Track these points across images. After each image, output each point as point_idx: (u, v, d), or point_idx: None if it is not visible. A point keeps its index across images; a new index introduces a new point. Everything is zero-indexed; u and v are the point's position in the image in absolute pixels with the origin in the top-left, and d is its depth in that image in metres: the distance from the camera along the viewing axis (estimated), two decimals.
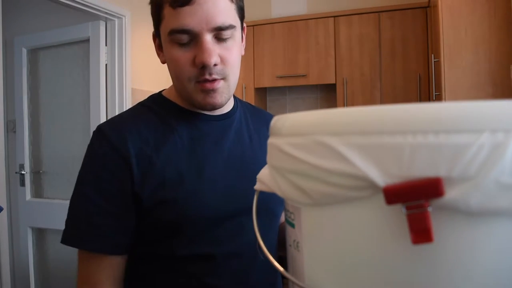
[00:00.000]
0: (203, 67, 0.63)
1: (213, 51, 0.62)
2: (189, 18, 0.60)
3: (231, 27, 0.63)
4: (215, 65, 0.63)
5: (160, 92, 0.77)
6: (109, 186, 0.64)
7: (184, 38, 0.62)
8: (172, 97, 0.74)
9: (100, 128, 0.69)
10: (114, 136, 0.66)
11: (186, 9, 0.60)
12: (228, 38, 0.64)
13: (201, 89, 0.65)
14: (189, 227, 0.66)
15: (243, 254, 0.69)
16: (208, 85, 0.64)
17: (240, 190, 0.69)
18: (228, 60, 0.65)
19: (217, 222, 0.67)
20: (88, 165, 0.68)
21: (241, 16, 0.69)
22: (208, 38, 0.62)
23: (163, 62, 0.71)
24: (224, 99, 0.67)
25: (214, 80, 0.64)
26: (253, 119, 0.83)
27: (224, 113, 0.75)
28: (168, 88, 0.76)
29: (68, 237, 0.66)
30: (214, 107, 0.68)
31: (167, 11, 0.62)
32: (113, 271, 0.66)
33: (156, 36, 0.70)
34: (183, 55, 0.63)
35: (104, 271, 0.65)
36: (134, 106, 0.75)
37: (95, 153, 0.67)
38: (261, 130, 0.81)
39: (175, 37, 0.62)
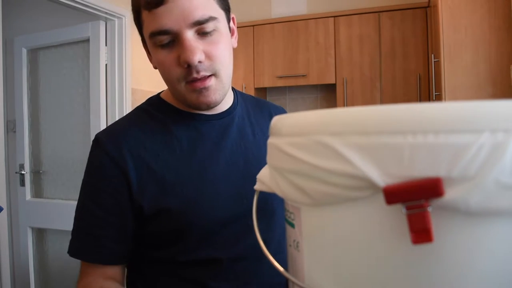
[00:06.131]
0: (188, 66, 0.60)
1: (196, 48, 0.60)
2: (165, 18, 0.59)
3: (211, 19, 0.61)
4: (200, 62, 0.60)
5: (159, 94, 0.76)
6: (107, 197, 0.64)
7: (165, 39, 0.60)
8: (170, 99, 0.72)
9: (98, 137, 0.68)
10: (111, 145, 0.65)
11: (161, 9, 0.58)
12: (211, 31, 0.61)
13: (192, 89, 0.63)
14: (193, 232, 0.65)
15: (249, 256, 0.68)
16: (199, 84, 0.62)
17: (244, 191, 0.67)
18: (215, 54, 0.62)
19: (222, 225, 0.66)
20: (88, 175, 0.68)
21: (225, 7, 0.66)
22: (189, 35, 0.60)
23: (155, 67, 0.69)
24: (219, 96, 0.65)
25: (204, 78, 0.62)
26: (256, 112, 0.80)
27: (224, 111, 0.73)
28: (166, 90, 0.75)
29: (71, 248, 0.67)
30: (209, 106, 0.65)
31: (144, 15, 0.61)
32: (113, 280, 0.66)
33: (143, 42, 0.69)
34: (168, 57, 0.62)
35: (103, 280, 0.65)
36: (131, 111, 0.74)
37: (93, 164, 0.67)
38: (265, 124, 0.78)
39: (156, 39, 0.61)
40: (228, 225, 0.66)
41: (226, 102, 0.74)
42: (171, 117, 0.70)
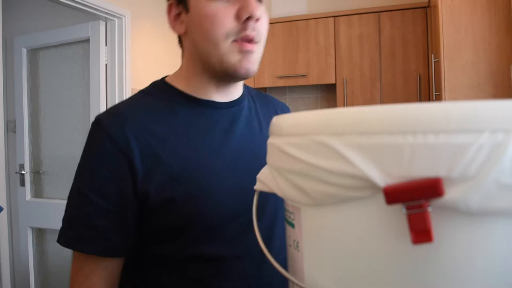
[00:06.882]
0: (247, 20, 0.59)
1: (259, 3, 0.60)
2: None
3: None
4: (258, 19, 0.60)
5: (163, 78, 0.71)
6: (108, 184, 0.59)
7: None
8: (178, 83, 0.68)
9: (99, 119, 0.62)
10: (114, 128, 0.60)
11: None
12: (262, 1, 0.63)
13: (239, 48, 0.61)
14: (196, 226, 0.62)
15: (251, 254, 0.65)
16: (248, 45, 0.61)
17: (249, 186, 0.64)
18: (264, 22, 0.63)
19: (225, 220, 0.63)
20: (86, 160, 0.62)
21: None
22: None
23: (182, 33, 0.66)
24: (256, 67, 0.64)
25: (253, 41, 0.61)
26: (261, 106, 0.78)
27: (233, 100, 0.70)
28: (173, 74, 0.71)
29: (63, 237, 0.62)
30: (248, 73, 0.63)
31: None
32: (109, 274, 0.62)
33: (178, 1, 0.65)
34: (224, 9, 0.60)
35: (100, 274, 0.61)
36: (135, 94, 0.68)
37: (93, 148, 0.62)
38: (270, 118, 0.77)
39: None
40: (231, 220, 0.64)
41: (238, 90, 0.72)
42: (178, 102, 0.66)
